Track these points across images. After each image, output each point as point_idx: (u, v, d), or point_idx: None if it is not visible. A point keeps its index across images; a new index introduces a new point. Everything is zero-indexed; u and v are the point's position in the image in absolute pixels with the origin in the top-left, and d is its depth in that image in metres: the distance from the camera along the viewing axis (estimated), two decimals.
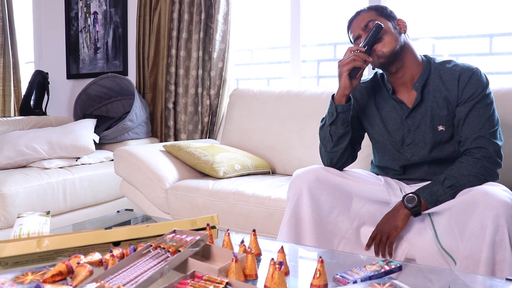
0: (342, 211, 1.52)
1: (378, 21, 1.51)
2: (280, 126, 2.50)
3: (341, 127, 1.55)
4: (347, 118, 1.55)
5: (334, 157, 1.59)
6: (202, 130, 3.04)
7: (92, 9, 3.78)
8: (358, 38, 1.57)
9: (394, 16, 1.59)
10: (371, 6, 1.61)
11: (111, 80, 3.18)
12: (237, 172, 2.23)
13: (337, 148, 1.57)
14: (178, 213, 2.13)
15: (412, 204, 1.42)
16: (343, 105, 1.53)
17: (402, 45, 1.53)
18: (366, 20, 1.55)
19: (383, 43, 1.50)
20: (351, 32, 1.60)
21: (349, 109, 1.55)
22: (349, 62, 1.48)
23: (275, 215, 1.85)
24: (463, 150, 1.47)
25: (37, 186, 2.34)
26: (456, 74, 1.50)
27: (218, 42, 2.93)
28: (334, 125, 1.55)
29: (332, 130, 1.56)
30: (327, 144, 1.59)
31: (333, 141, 1.57)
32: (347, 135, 1.57)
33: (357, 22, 1.58)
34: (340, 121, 1.54)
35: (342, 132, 1.56)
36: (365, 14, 1.57)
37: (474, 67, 1.49)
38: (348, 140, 1.58)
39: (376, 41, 1.50)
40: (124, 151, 2.31)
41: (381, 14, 1.56)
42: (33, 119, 3.09)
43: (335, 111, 1.54)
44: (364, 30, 1.55)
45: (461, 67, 1.51)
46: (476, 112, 1.45)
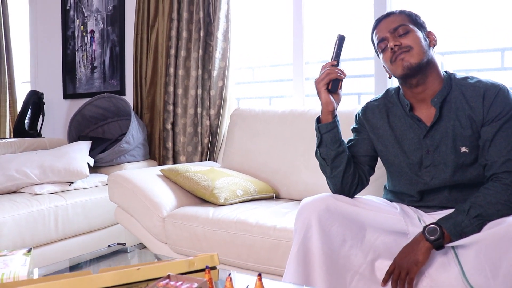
0: (355, 244, 1.38)
1: (408, 28, 1.42)
2: (283, 147, 2.37)
3: (331, 147, 1.45)
4: (335, 138, 1.45)
5: (337, 182, 1.48)
6: (202, 152, 2.90)
7: (89, 28, 3.70)
8: (382, 40, 1.45)
9: (425, 27, 1.47)
10: (404, 11, 1.48)
11: (107, 100, 3.07)
12: (239, 198, 2.09)
13: (336, 172, 1.46)
14: (176, 243, 1.98)
15: (434, 236, 1.28)
16: (326, 125, 1.44)
17: (429, 59, 1.42)
18: (397, 23, 1.43)
19: (411, 54, 1.39)
20: (377, 33, 1.48)
21: (334, 127, 1.45)
22: (324, 77, 1.41)
23: (280, 246, 1.70)
24: (490, 174, 1.33)
25: (26, 214, 2.20)
26: (480, 91, 1.37)
27: (218, 60, 2.82)
28: (322, 147, 1.46)
29: (322, 153, 1.47)
30: (325, 169, 1.49)
31: (328, 165, 1.47)
32: (341, 156, 1.46)
33: (386, 23, 1.45)
34: (328, 142, 1.45)
35: (334, 153, 1.45)
36: (396, 17, 1.45)
37: (500, 84, 1.38)
38: (345, 162, 1.46)
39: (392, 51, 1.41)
40: (119, 176, 2.18)
41: (412, 21, 1.45)
42: (26, 141, 2.96)
43: (319, 132, 1.46)
44: (392, 33, 1.43)
45: (485, 83, 1.39)
46: (504, 133, 1.32)
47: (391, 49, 1.40)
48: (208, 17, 2.87)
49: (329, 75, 1.41)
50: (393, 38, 1.41)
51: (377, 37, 1.47)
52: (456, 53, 2.43)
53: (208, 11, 2.86)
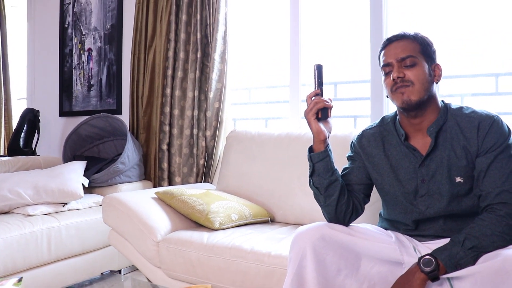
0: (350, 273, 1.37)
1: (416, 60, 1.41)
2: (279, 171, 2.36)
3: (324, 176, 1.45)
4: (327, 167, 1.45)
5: (331, 211, 1.47)
6: (198, 173, 2.89)
7: (87, 46, 3.71)
8: (388, 65, 1.44)
9: (434, 58, 1.46)
10: (417, 36, 1.45)
11: (103, 120, 3.06)
12: (234, 222, 2.07)
13: (329, 200, 1.46)
14: (170, 267, 1.96)
15: (429, 268, 1.28)
16: (318, 154, 1.44)
17: (430, 95, 1.43)
18: (406, 53, 1.41)
19: (412, 90, 1.39)
20: (385, 54, 1.46)
21: (326, 156, 1.45)
22: (312, 106, 1.42)
23: (275, 273, 1.68)
24: (485, 205, 1.33)
25: (18, 236, 2.17)
26: (475, 122, 1.38)
27: (214, 81, 2.82)
28: (315, 176, 1.46)
29: (315, 182, 1.47)
30: (319, 198, 1.50)
31: (322, 194, 1.47)
32: (334, 185, 1.46)
33: (396, 49, 1.43)
34: (321, 171, 1.45)
35: (327, 182, 1.45)
36: (408, 44, 1.43)
37: (494, 115, 1.38)
38: (338, 190, 1.46)
39: (398, 87, 1.40)
40: (113, 199, 2.16)
41: (423, 51, 1.43)
42: (21, 160, 2.95)
43: (311, 161, 1.45)
44: (399, 62, 1.42)
45: (479, 114, 1.40)
46: (499, 164, 1.33)
47: (393, 79, 1.41)
48: (205, 39, 2.89)
49: (317, 104, 1.41)
50: (398, 68, 1.41)
51: (384, 60, 1.46)
52: (451, 78, 2.44)
53: (206, 32, 2.88)
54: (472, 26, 2.38)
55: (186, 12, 2.92)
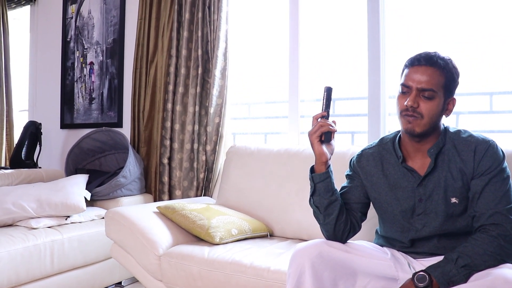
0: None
1: (436, 94, 1.41)
2: (278, 187, 2.41)
3: (324, 196, 1.50)
4: (328, 187, 1.50)
5: (330, 229, 1.53)
6: (198, 187, 2.94)
7: (89, 59, 3.77)
8: (407, 87, 1.45)
9: (453, 92, 1.48)
10: (447, 67, 1.44)
11: (105, 134, 3.12)
12: (234, 237, 2.12)
13: (328, 219, 1.51)
14: (171, 281, 2.00)
15: (423, 284, 1.33)
16: (320, 175, 1.49)
17: (435, 126, 1.47)
18: (429, 85, 1.41)
19: (419, 122, 1.43)
20: (408, 75, 1.45)
21: (328, 177, 1.50)
22: (317, 129, 1.47)
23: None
24: (478, 226, 1.39)
25: (22, 249, 2.21)
26: (472, 146, 1.44)
27: (215, 97, 2.88)
28: (316, 196, 1.52)
29: (316, 202, 1.53)
30: (318, 217, 1.55)
31: (321, 213, 1.52)
32: (334, 204, 1.51)
33: (421, 77, 1.42)
34: (321, 191, 1.50)
35: (327, 202, 1.50)
36: (435, 76, 1.42)
37: (490, 140, 1.45)
38: (337, 210, 1.51)
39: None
40: (116, 213, 2.21)
41: (446, 86, 1.44)
42: (23, 173, 2.99)
43: (313, 182, 1.51)
44: (419, 91, 1.42)
45: (476, 138, 1.46)
46: (493, 187, 1.39)
47: (406, 105, 1.43)
48: (206, 55, 2.95)
49: (322, 127, 1.47)
50: (415, 96, 1.42)
51: (405, 80, 1.46)
52: None
53: (207, 49, 2.95)
54: (466, 46, 2.45)
55: (188, 29, 2.99)
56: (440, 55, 1.45)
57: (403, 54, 2.57)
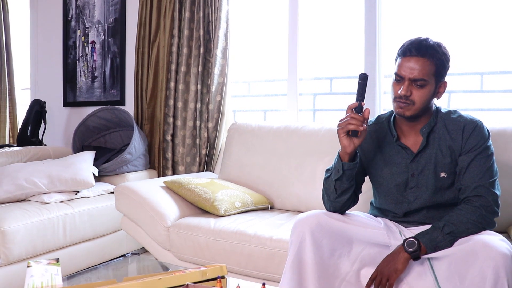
0: (343, 254, 1.56)
1: (427, 83, 1.51)
2: (278, 162, 2.54)
3: (346, 182, 1.60)
4: (352, 174, 1.59)
5: (337, 206, 1.64)
6: (200, 162, 3.07)
7: (90, 39, 3.84)
8: (400, 75, 1.54)
9: (444, 76, 1.57)
10: (437, 55, 1.52)
11: (110, 112, 3.22)
12: (238, 209, 2.26)
13: (340, 199, 1.62)
14: (179, 251, 2.15)
15: (412, 248, 1.47)
16: (349, 163, 1.56)
17: (426, 108, 1.58)
18: (420, 75, 1.51)
19: (410, 108, 1.54)
20: (401, 65, 1.54)
21: (356, 166, 1.58)
22: (344, 126, 1.51)
23: (276, 255, 1.88)
24: (463, 197, 1.53)
25: (37, 222, 2.35)
26: (461, 125, 1.57)
27: (216, 76, 2.98)
28: (339, 180, 1.59)
29: (337, 185, 1.61)
30: (330, 195, 1.64)
31: (337, 194, 1.62)
32: (351, 188, 1.62)
33: (413, 68, 1.51)
34: (346, 177, 1.59)
35: (346, 186, 1.60)
36: (425, 65, 1.51)
37: (477, 120, 1.58)
38: (351, 192, 1.62)
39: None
40: (125, 188, 2.34)
41: (437, 73, 1.53)
42: (31, 150, 3.10)
43: (342, 168, 1.57)
44: (411, 82, 1.52)
45: (465, 118, 1.58)
46: (478, 162, 1.52)
47: (400, 94, 1.53)
48: (207, 35, 3.04)
49: (349, 125, 1.50)
50: (408, 85, 1.52)
51: (398, 70, 1.54)
52: None
53: (208, 29, 3.03)
54: (458, 27, 2.54)
55: (189, 9, 3.06)
56: (430, 42, 1.54)
57: (398, 35, 2.67)
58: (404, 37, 1.62)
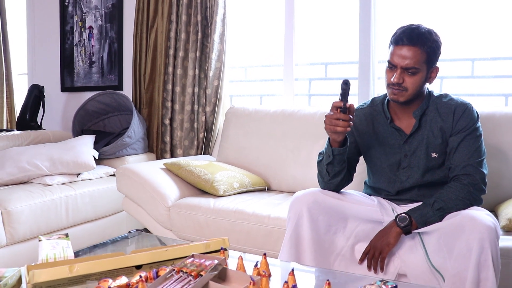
0: (338, 230, 1.65)
1: (418, 70, 1.57)
2: (274, 144, 2.62)
3: (337, 166, 1.66)
4: (343, 158, 1.66)
5: (331, 187, 1.71)
6: (198, 146, 3.14)
7: (88, 24, 3.86)
8: (392, 63, 1.60)
9: (436, 61, 1.63)
10: (428, 43, 1.57)
11: (109, 96, 3.27)
12: (236, 190, 2.34)
13: (333, 180, 1.69)
14: (180, 230, 2.22)
15: (403, 223, 1.55)
16: (339, 149, 1.63)
17: (419, 93, 1.64)
18: (412, 63, 1.57)
19: (403, 94, 1.61)
20: (393, 54, 1.60)
21: (346, 151, 1.65)
22: (332, 128, 1.55)
23: (274, 233, 1.96)
24: (453, 176, 1.61)
25: (41, 203, 2.41)
26: (451, 108, 1.65)
27: (214, 61, 3.04)
28: (331, 164, 1.66)
29: (329, 168, 1.68)
30: (324, 177, 1.71)
31: (330, 176, 1.69)
32: (343, 171, 1.68)
33: (404, 56, 1.57)
34: (337, 161, 1.65)
35: (338, 169, 1.67)
36: (416, 54, 1.57)
37: (467, 103, 1.65)
38: (344, 174, 1.69)
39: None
40: (127, 170, 2.40)
41: (428, 60, 1.59)
42: (32, 134, 3.15)
43: (332, 153, 1.64)
44: (403, 70, 1.58)
45: (456, 101, 1.66)
46: (467, 143, 1.60)
47: (392, 81, 1.60)
48: (205, 20, 3.09)
49: (337, 128, 1.53)
50: (400, 73, 1.59)
51: (391, 58, 1.61)
52: None
53: (206, 14, 3.07)
54: (451, 15, 2.61)
55: None
56: (421, 30, 1.59)
57: (392, 21, 2.73)
58: (398, 23, 1.68)
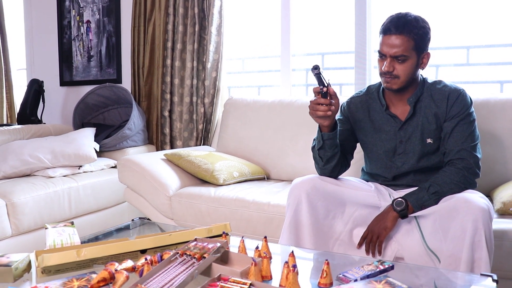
0: (337, 215, 1.69)
1: (408, 57, 1.60)
2: (273, 134, 2.65)
3: (329, 150, 1.70)
4: (334, 143, 1.69)
5: (326, 172, 1.75)
6: (197, 137, 3.17)
7: (85, 18, 3.88)
8: (382, 53, 1.64)
9: (426, 47, 1.65)
10: (415, 30, 1.60)
11: (108, 89, 3.30)
12: (236, 179, 2.38)
13: (327, 165, 1.73)
14: (181, 218, 2.26)
15: (400, 208, 1.59)
16: (329, 134, 1.66)
17: (412, 80, 1.67)
18: (400, 51, 1.60)
19: (396, 81, 1.64)
20: (382, 44, 1.64)
21: (335, 136, 1.68)
22: (314, 113, 1.59)
23: (274, 219, 2.00)
24: (447, 160, 1.65)
25: (44, 195, 2.45)
26: (445, 94, 1.68)
27: (211, 53, 3.07)
28: (322, 149, 1.70)
29: (321, 153, 1.72)
30: (318, 163, 1.76)
31: (323, 161, 1.73)
32: (335, 156, 1.72)
33: (392, 45, 1.60)
34: (328, 146, 1.69)
35: (330, 154, 1.71)
36: (404, 42, 1.59)
37: (461, 89, 1.69)
38: (337, 159, 1.72)
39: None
40: (128, 161, 2.44)
41: (417, 47, 1.61)
42: (33, 128, 3.19)
43: (322, 139, 1.68)
44: (392, 59, 1.62)
45: (449, 87, 1.69)
46: (460, 128, 1.64)
47: (383, 70, 1.64)
48: (202, 13, 3.11)
49: (317, 112, 1.57)
50: (390, 62, 1.62)
51: (380, 48, 1.65)
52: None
53: (203, 7, 3.10)
54: (446, 3, 2.64)
55: None
56: (408, 18, 1.62)
57: (387, 10, 2.75)
58: (393, 12, 1.70)
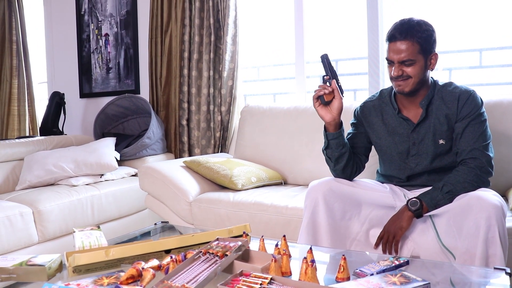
0: (353, 216, 1.73)
1: (414, 60, 1.65)
2: (289, 140, 2.71)
3: (336, 150, 1.75)
4: (339, 143, 1.74)
5: (338, 173, 1.80)
6: (215, 145, 3.24)
7: (104, 31, 4.00)
8: (390, 59, 1.69)
9: (433, 49, 1.70)
10: (418, 34, 1.64)
11: (128, 100, 3.39)
12: (254, 184, 2.43)
13: (337, 166, 1.79)
14: (202, 223, 2.32)
15: (415, 207, 1.63)
16: (333, 134, 1.73)
17: (423, 81, 1.72)
18: (406, 56, 1.65)
19: (408, 82, 1.69)
20: (388, 50, 1.69)
21: (340, 135, 1.73)
22: (315, 95, 1.70)
23: (292, 222, 2.05)
24: (460, 160, 1.68)
25: (68, 203, 2.54)
26: (456, 95, 1.72)
27: (227, 62, 3.14)
28: (328, 149, 1.77)
29: (328, 153, 1.78)
30: (329, 164, 1.82)
31: (332, 162, 1.79)
32: (343, 156, 1.77)
33: (398, 51, 1.66)
34: (334, 146, 1.75)
35: (337, 154, 1.76)
36: (409, 47, 1.64)
37: (471, 90, 1.73)
38: (346, 159, 1.77)
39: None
40: (149, 168, 2.51)
41: (423, 50, 1.66)
42: (55, 139, 3.29)
43: (326, 138, 1.75)
44: (400, 64, 1.66)
45: (460, 89, 1.73)
46: (472, 128, 1.67)
47: (393, 75, 1.69)
48: (217, 23, 3.19)
49: (318, 91, 1.69)
50: (398, 67, 1.68)
51: (387, 55, 1.70)
52: (441, 53, 2.74)
53: (218, 17, 3.18)
54: (458, 6, 2.67)
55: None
56: (411, 22, 1.67)
57: (399, 16, 2.79)
58: (405, 17, 1.75)
